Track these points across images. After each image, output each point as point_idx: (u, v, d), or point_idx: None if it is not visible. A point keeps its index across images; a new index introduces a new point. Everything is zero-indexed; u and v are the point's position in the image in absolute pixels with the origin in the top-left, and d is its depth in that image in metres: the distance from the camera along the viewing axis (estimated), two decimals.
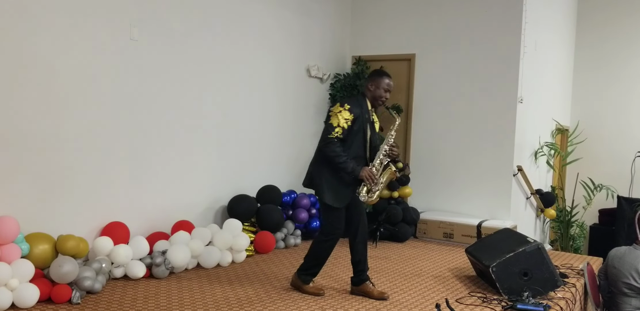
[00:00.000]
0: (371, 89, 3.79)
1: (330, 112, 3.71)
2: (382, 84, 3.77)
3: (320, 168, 3.75)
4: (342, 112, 3.63)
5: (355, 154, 3.70)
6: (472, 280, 4.48)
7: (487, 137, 6.13)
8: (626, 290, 4.54)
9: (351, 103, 3.69)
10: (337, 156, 3.59)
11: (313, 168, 3.83)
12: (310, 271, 3.92)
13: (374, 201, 3.79)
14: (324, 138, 3.65)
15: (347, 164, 3.60)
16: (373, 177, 3.67)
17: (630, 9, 7.75)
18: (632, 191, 7.36)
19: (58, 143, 3.90)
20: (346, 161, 3.60)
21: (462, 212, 6.23)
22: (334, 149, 3.60)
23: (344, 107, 3.65)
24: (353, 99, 3.79)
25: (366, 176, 3.64)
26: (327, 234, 3.80)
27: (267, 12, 5.67)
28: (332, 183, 3.70)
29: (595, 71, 8.02)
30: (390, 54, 6.64)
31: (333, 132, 3.60)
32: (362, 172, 3.64)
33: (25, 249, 3.52)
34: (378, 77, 3.80)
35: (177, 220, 4.71)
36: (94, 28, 4.07)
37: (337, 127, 3.61)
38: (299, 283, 3.92)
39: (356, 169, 3.63)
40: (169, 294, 3.76)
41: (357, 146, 3.71)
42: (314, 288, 3.88)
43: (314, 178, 3.79)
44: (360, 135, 3.71)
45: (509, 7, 5.98)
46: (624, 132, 7.74)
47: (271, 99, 5.82)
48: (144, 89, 4.47)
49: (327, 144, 3.62)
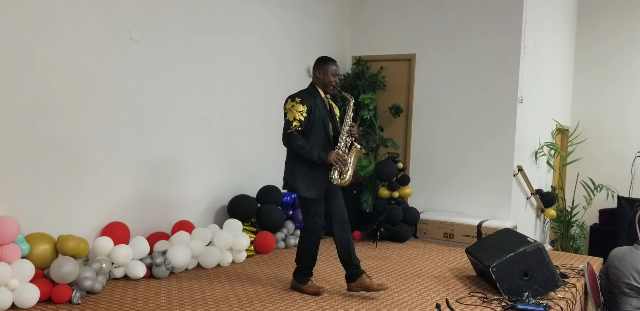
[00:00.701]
0: (319, 76, 3.84)
1: (284, 110, 3.75)
2: (329, 70, 3.83)
3: (291, 163, 3.81)
4: (294, 107, 3.70)
5: (319, 142, 3.74)
6: (472, 280, 4.48)
7: (487, 137, 6.13)
8: (627, 290, 4.54)
9: (301, 96, 3.76)
10: (300, 147, 3.67)
11: (286, 166, 3.88)
12: (304, 271, 3.94)
13: (347, 182, 3.80)
14: (284, 135, 3.72)
15: (312, 153, 3.66)
16: (341, 159, 3.71)
17: (630, 9, 7.75)
18: (632, 191, 7.36)
19: (58, 143, 3.90)
20: (310, 151, 3.66)
21: (463, 212, 6.23)
22: (295, 142, 3.67)
23: (295, 101, 3.72)
24: (303, 91, 3.86)
25: (334, 159, 3.69)
26: (307, 229, 3.86)
27: (268, 12, 5.67)
28: (303, 175, 3.75)
29: (595, 70, 8.02)
30: (391, 54, 6.64)
31: (291, 127, 3.67)
32: (329, 156, 3.68)
33: (26, 250, 3.52)
34: (323, 64, 3.86)
35: (178, 220, 4.71)
36: (94, 28, 4.08)
37: (293, 121, 3.67)
38: (297, 285, 3.94)
39: (322, 155, 3.68)
40: (169, 294, 3.76)
41: (319, 134, 3.75)
42: (313, 288, 3.89)
43: (286, 174, 3.85)
44: (320, 123, 3.75)
45: (509, 7, 5.98)
46: (624, 132, 7.74)
47: (271, 99, 5.81)
48: (143, 89, 4.47)
49: (288, 139, 3.70)
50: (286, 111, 3.74)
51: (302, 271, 3.94)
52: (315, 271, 4.30)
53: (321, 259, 4.89)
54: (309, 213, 3.84)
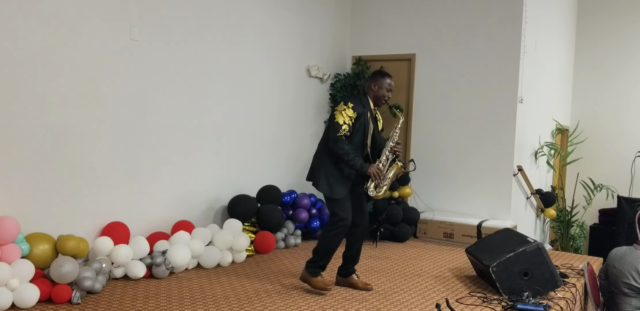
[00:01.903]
0: (374, 89, 3.93)
1: (335, 110, 3.84)
2: (384, 84, 3.93)
3: (322, 161, 3.90)
4: (346, 111, 3.78)
5: (354, 149, 3.82)
6: (472, 279, 4.48)
7: (487, 137, 6.13)
8: (626, 290, 4.54)
9: (354, 102, 3.84)
10: (346, 153, 3.73)
11: (315, 161, 3.98)
12: (319, 263, 3.94)
13: (381, 196, 3.91)
14: (332, 137, 3.77)
15: (355, 162, 3.75)
16: (380, 173, 3.81)
17: (630, 9, 7.75)
18: (632, 191, 7.36)
19: (59, 143, 3.90)
20: (354, 158, 3.75)
21: (463, 212, 6.23)
22: (342, 147, 3.74)
23: (348, 105, 3.80)
24: (356, 98, 3.94)
25: (374, 173, 3.79)
26: (333, 223, 3.85)
27: (267, 12, 5.68)
28: (330, 175, 3.84)
29: (595, 70, 8.02)
30: (391, 54, 6.64)
31: (341, 130, 3.75)
32: (369, 168, 3.78)
33: (26, 250, 3.52)
34: (380, 77, 3.95)
35: (177, 220, 4.71)
36: (94, 28, 4.08)
37: (343, 124, 3.75)
38: (307, 276, 3.94)
39: (364, 166, 3.77)
40: (169, 294, 3.76)
41: (356, 142, 3.85)
42: (322, 283, 3.90)
43: (314, 170, 3.94)
44: (360, 133, 3.84)
45: (509, 7, 5.98)
46: (624, 132, 7.74)
47: (271, 99, 5.82)
48: (144, 89, 4.47)
49: (336, 143, 3.75)
50: (336, 113, 3.81)
51: (315, 263, 3.94)
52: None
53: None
54: (333, 208, 3.87)
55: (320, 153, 3.95)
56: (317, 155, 3.99)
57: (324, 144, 3.93)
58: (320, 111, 6.51)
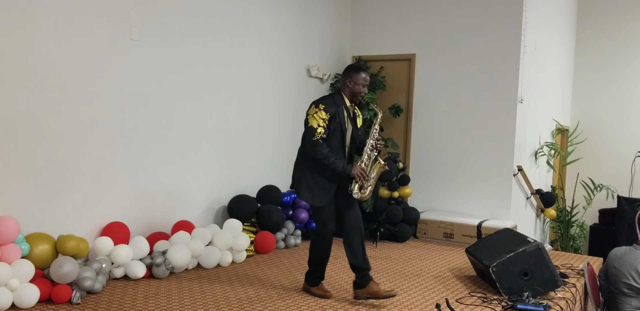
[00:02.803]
0: (349, 85, 3.74)
1: (307, 115, 3.67)
2: (359, 80, 3.73)
3: (302, 168, 3.76)
4: (318, 113, 3.61)
5: (334, 150, 3.66)
6: (472, 280, 4.48)
7: (487, 137, 6.13)
8: (626, 290, 4.54)
9: (325, 102, 3.66)
10: (325, 157, 3.58)
11: (295, 170, 3.84)
12: (316, 273, 3.91)
13: (367, 197, 3.73)
14: (309, 142, 3.61)
15: (337, 164, 3.59)
16: (364, 174, 3.66)
17: (630, 9, 7.75)
18: (632, 191, 7.35)
19: (58, 143, 3.90)
20: (335, 162, 3.59)
21: (462, 212, 6.23)
22: (321, 151, 3.58)
23: (319, 107, 3.62)
24: (328, 97, 3.77)
25: (357, 174, 3.63)
26: (317, 233, 3.83)
27: (267, 12, 5.67)
28: (312, 182, 3.70)
29: (595, 70, 8.01)
30: (391, 54, 6.64)
31: (316, 134, 3.58)
32: (353, 170, 3.62)
33: (26, 250, 3.52)
34: (354, 72, 3.74)
35: (178, 220, 4.71)
36: (94, 28, 4.08)
37: (318, 127, 3.58)
38: (307, 287, 3.93)
39: (347, 168, 3.61)
40: (169, 294, 3.76)
41: (335, 143, 3.68)
42: (321, 290, 3.87)
43: (295, 179, 3.80)
44: (338, 133, 3.68)
45: (509, 7, 5.98)
46: (624, 132, 7.74)
47: (271, 99, 5.82)
48: (144, 90, 4.47)
49: (314, 148, 3.59)
50: (308, 117, 3.65)
51: (311, 274, 3.92)
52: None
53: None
54: (318, 217, 3.80)
55: (299, 161, 3.82)
56: (296, 163, 3.84)
57: (301, 151, 3.78)
58: None
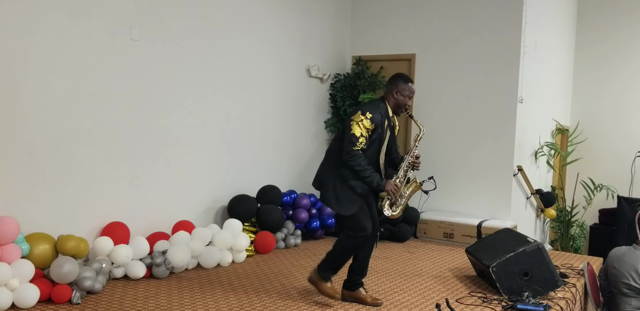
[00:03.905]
0: (395, 96, 3.59)
1: (351, 120, 3.47)
2: (406, 91, 3.60)
3: (332, 173, 3.56)
4: (363, 121, 3.43)
5: (369, 161, 3.51)
6: (472, 280, 4.48)
7: (487, 137, 6.13)
8: (626, 290, 4.54)
9: (372, 111, 3.48)
10: (363, 170, 3.43)
11: (324, 172, 3.64)
12: (332, 265, 3.65)
13: (397, 215, 3.63)
14: (348, 150, 3.42)
15: (372, 179, 3.45)
16: (398, 190, 3.55)
17: (630, 9, 7.75)
18: (632, 191, 7.35)
19: (58, 143, 3.90)
20: (372, 175, 3.45)
21: (462, 212, 6.23)
22: (359, 163, 3.42)
23: (366, 115, 3.44)
24: (374, 105, 3.57)
25: (391, 190, 3.52)
26: (356, 230, 3.54)
27: (268, 12, 5.67)
28: (341, 190, 3.52)
29: (595, 70, 8.01)
30: (391, 54, 6.64)
31: (358, 144, 3.41)
32: (387, 186, 3.50)
33: (26, 250, 3.52)
34: (403, 83, 3.60)
35: (178, 220, 4.71)
36: (94, 28, 4.08)
37: (360, 137, 3.41)
38: (316, 279, 3.67)
39: (381, 183, 3.49)
40: (169, 294, 3.76)
41: (372, 153, 3.55)
42: (332, 290, 3.65)
43: (322, 182, 3.61)
44: (376, 144, 3.54)
45: (509, 7, 5.98)
46: (624, 132, 7.74)
47: (271, 99, 5.82)
48: (144, 89, 4.47)
49: (352, 157, 3.41)
50: (352, 123, 3.44)
51: (328, 265, 3.65)
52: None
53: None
54: (354, 219, 3.54)
55: (330, 164, 3.60)
56: (326, 165, 3.64)
57: (335, 154, 3.55)
58: (320, 111, 6.50)
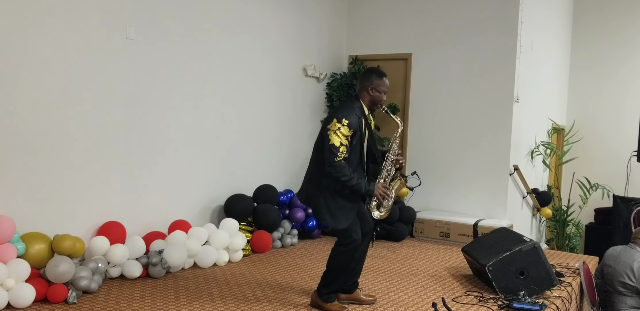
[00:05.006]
0: (371, 93, 3.48)
1: (328, 130, 3.36)
2: (382, 87, 3.49)
3: (319, 187, 3.46)
4: (341, 129, 3.31)
5: (353, 167, 3.43)
6: (468, 279, 4.49)
7: (483, 136, 6.14)
8: (622, 289, 4.56)
9: (347, 115, 3.35)
10: (349, 179, 3.33)
11: (309, 187, 3.54)
12: (333, 287, 3.54)
13: (385, 216, 3.61)
14: (330, 162, 3.30)
15: (360, 185, 3.36)
16: (387, 193, 3.50)
17: (625, 8, 7.77)
18: (628, 191, 7.37)
19: (54, 143, 3.89)
20: (359, 182, 3.35)
21: (459, 211, 6.24)
22: (344, 173, 3.31)
23: (342, 122, 3.32)
24: (348, 108, 3.43)
25: (380, 194, 3.45)
26: (345, 243, 3.47)
27: (264, 11, 5.67)
28: (332, 203, 3.43)
29: (591, 70, 8.03)
30: (387, 54, 6.64)
31: (339, 154, 3.30)
32: (375, 190, 3.43)
33: (21, 249, 3.51)
34: (377, 78, 3.49)
35: (174, 220, 4.70)
36: (90, 27, 4.07)
37: (340, 146, 3.30)
38: (319, 302, 3.55)
39: (369, 189, 3.40)
40: (165, 294, 3.75)
41: (354, 160, 3.45)
42: (338, 306, 3.55)
43: (310, 197, 3.52)
44: (358, 148, 3.45)
45: (505, 7, 5.99)
46: (619, 131, 7.76)
47: (268, 99, 5.81)
48: (140, 89, 4.46)
49: (336, 169, 3.30)
50: (330, 133, 3.32)
51: (328, 287, 3.54)
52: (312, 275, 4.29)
53: (319, 259, 4.89)
54: (345, 229, 3.45)
55: (314, 177, 3.49)
56: (310, 179, 3.53)
57: (317, 166, 3.45)
58: (316, 111, 6.50)
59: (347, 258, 3.49)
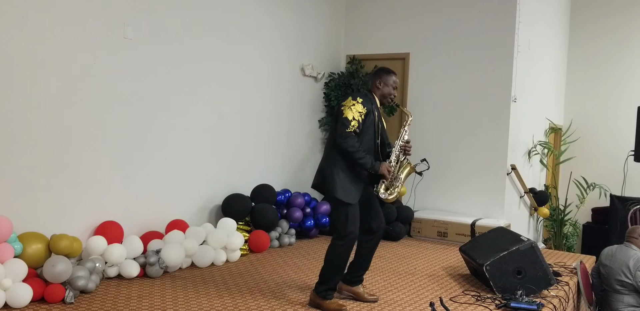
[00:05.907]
0: (379, 86, 3.70)
1: (342, 106, 3.55)
2: (390, 82, 3.71)
3: (334, 163, 3.56)
4: (355, 106, 3.50)
5: (365, 148, 3.55)
6: (466, 278, 4.49)
7: (480, 136, 6.15)
8: (619, 287, 4.57)
9: (363, 97, 3.58)
10: (356, 151, 3.46)
11: (325, 164, 3.63)
12: (330, 284, 3.57)
13: (393, 199, 3.70)
14: (341, 133, 3.46)
15: (366, 160, 3.49)
16: (393, 173, 3.64)
17: (622, 8, 7.79)
18: (625, 190, 7.38)
19: (51, 142, 3.88)
20: (366, 156, 3.49)
21: (456, 211, 6.24)
22: (352, 144, 3.45)
23: (357, 100, 3.52)
24: (363, 94, 3.66)
25: (386, 171, 3.57)
26: (342, 237, 3.52)
27: (262, 10, 5.66)
28: (345, 178, 3.53)
29: (588, 69, 8.05)
30: (385, 53, 6.64)
31: (350, 126, 3.45)
32: (381, 167, 3.55)
33: (18, 249, 3.50)
34: (386, 74, 3.72)
35: (171, 219, 4.70)
36: (88, 26, 4.06)
37: (352, 120, 3.46)
38: (318, 300, 3.57)
39: (375, 164, 3.53)
40: (162, 293, 3.75)
41: (368, 140, 3.58)
42: (336, 304, 3.54)
43: (326, 174, 3.59)
44: (371, 131, 3.59)
45: (503, 6, 6.00)
46: (616, 131, 7.78)
47: (265, 98, 5.81)
48: (137, 88, 4.46)
49: (345, 139, 3.45)
50: (344, 108, 3.51)
51: (326, 284, 3.56)
52: (310, 275, 4.29)
53: (316, 258, 4.89)
54: (341, 217, 3.54)
55: (330, 156, 3.61)
56: (326, 158, 3.65)
57: (332, 145, 3.57)
58: (314, 110, 6.50)
59: (340, 253, 3.54)
